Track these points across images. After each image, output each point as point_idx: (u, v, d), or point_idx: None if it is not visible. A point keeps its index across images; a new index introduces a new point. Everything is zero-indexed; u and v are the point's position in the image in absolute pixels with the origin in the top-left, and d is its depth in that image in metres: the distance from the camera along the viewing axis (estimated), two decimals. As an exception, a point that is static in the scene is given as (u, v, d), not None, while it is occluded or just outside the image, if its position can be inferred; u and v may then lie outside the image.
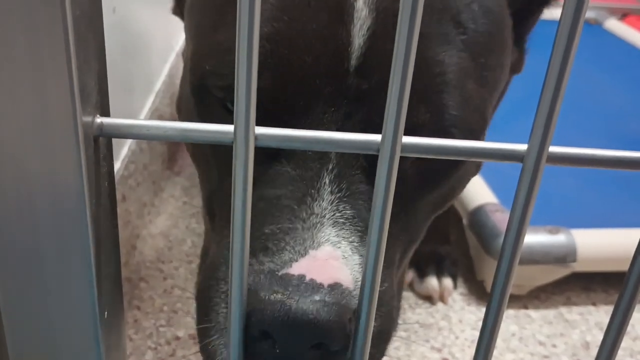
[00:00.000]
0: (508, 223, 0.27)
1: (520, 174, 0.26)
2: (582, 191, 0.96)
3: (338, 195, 0.40)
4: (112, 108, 0.29)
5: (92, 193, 0.26)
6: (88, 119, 0.25)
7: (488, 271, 0.84)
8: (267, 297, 0.35)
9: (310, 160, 0.41)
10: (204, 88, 0.44)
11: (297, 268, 0.36)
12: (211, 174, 0.48)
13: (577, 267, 0.82)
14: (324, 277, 0.36)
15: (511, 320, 0.82)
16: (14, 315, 0.28)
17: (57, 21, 0.22)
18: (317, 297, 0.35)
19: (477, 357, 0.30)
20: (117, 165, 0.79)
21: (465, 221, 0.88)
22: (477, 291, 0.86)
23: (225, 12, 0.44)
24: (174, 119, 1.07)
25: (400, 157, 0.41)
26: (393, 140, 0.25)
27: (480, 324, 0.29)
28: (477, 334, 0.30)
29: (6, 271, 0.27)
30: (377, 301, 0.28)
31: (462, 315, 0.82)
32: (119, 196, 0.77)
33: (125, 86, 0.83)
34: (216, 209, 0.48)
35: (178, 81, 1.11)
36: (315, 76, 0.40)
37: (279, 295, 0.35)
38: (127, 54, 0.83)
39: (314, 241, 0.38)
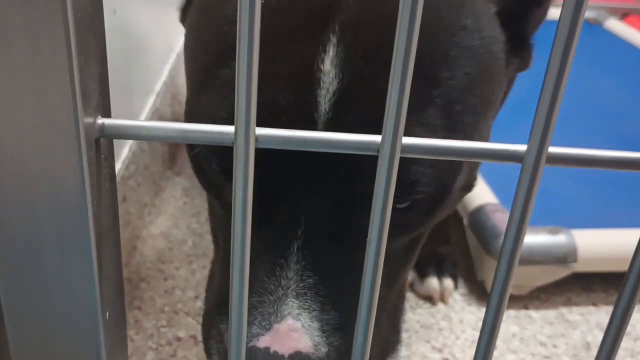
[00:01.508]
0: (507, 223, 0.27)
1: (520, 175, 0.26)
2: (582, 192, 0.96)
3: (303, 263, 0.43)
4: (113, 109, 0.29)
5: (93, 194, 0.26)
6: (89, 120, 0.25)
7: (488, 271, 0.84)
8: None
9: (283, 224, 0.44)
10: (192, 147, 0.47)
11: (263, 341, 0.42)
12: (215, 205, 0.52)
13: (578, 267, 0.82)
14: (286, 349, 0.42)
15: (512, 321, 0.82)
16: (17, 316, 0.28)
17: (58, 23, 0.22)
18: None
19: (477, 357, 0.30)
20: (118, 166, 0.80)
21: (465, 221, 0.88)
22: (478, 291, 0.86)
23: (212, 72, 0.44)
24: (174, 119, 1.07)
25: None
26: (393, 140, 0.25)
27: (481, 324, 0.29)
28: (477, 334, 0.30)
29: (8, 273, 0.27)
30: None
31: (462, 316, 0.82)
32: (119, 197, 0.77)
33: (125, 87, 0.83)
34: (220, 240, 0.52)
35: (178, 81, 1.12)
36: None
37: None
38: (127, 55, 0.83)
39: (277, 315, 0.43)
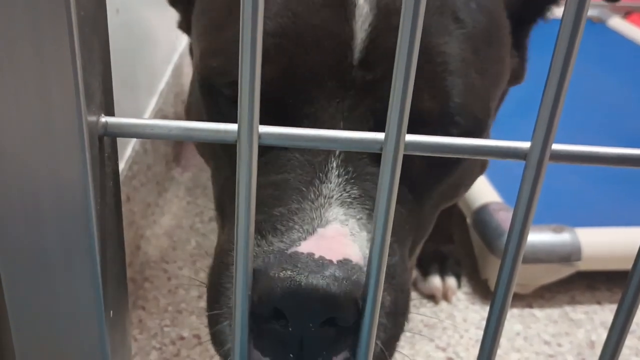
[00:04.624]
0: (511, 221, 0.27)
1: (523, 172, 0.26)
2: (586, 190, 0.96)
3: (345, 177, 0.40)
4: (116, 108, 0.29)
5: (97, 192, 0.26)
6: (93, 118, 0.25)
7: (492, 270, 0.84)
8: (276, 274, 0.35)
9: None
10: (211, 86, 0.45)
11: (306, 246, 0.37)
12: (221, 170, 0.49)
13: (582, 266, 0.82)
14: (333, 254, 0.36)
15: (516, 320, 0.82)
16: (21, 315, 0.28)
17: (61, 22, 0.22)
18: (326, 273, 0.35)
19: (481, 356, 0.30)
20: (121, 166, 0.80)
21: (469, 220, 0.88)
22: (482, 290, 0.86)
23: (229, 12, 0.46)
24: (177, 119, 1.07)
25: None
26: (396, 139, 0.25)
27: (484, 323, 0.29)
28: (481, 333, 0.30)
29: (12, 272, 0.27)
30: (388, 274, 0.27)
31: (466, 315, 0.82)
32: (123, 197, 0.77)
33: (128, 87, 0.83)
34: (227, 205, 0.49)
35: (181, 81, 1.12)
36: (320, 69, 0.42)
37: (289, 272, 0.35)
38: (130, 55, 0.83)
39: (322, 220, 0.38)
